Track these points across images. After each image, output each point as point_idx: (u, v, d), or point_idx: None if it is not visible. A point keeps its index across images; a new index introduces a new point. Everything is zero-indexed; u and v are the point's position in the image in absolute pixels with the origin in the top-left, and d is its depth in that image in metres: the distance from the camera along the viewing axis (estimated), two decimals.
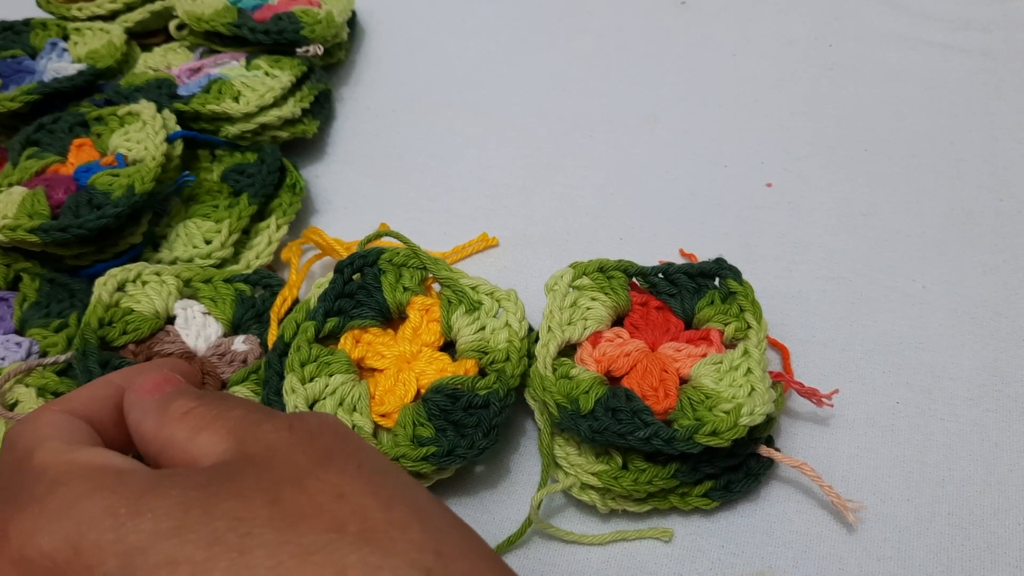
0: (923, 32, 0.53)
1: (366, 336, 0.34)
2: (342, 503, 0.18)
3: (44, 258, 0.39)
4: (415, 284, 0.35)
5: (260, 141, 0.45)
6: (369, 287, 0.35)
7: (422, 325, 0.34)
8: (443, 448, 0.30)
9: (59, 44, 0.49)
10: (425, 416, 0.31)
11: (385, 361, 0.33)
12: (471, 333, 0.33)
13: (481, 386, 0.32)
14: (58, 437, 0.21)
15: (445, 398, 0.31)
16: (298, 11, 0.48)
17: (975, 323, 0.38)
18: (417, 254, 0.35)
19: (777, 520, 0.32)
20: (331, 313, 0.34)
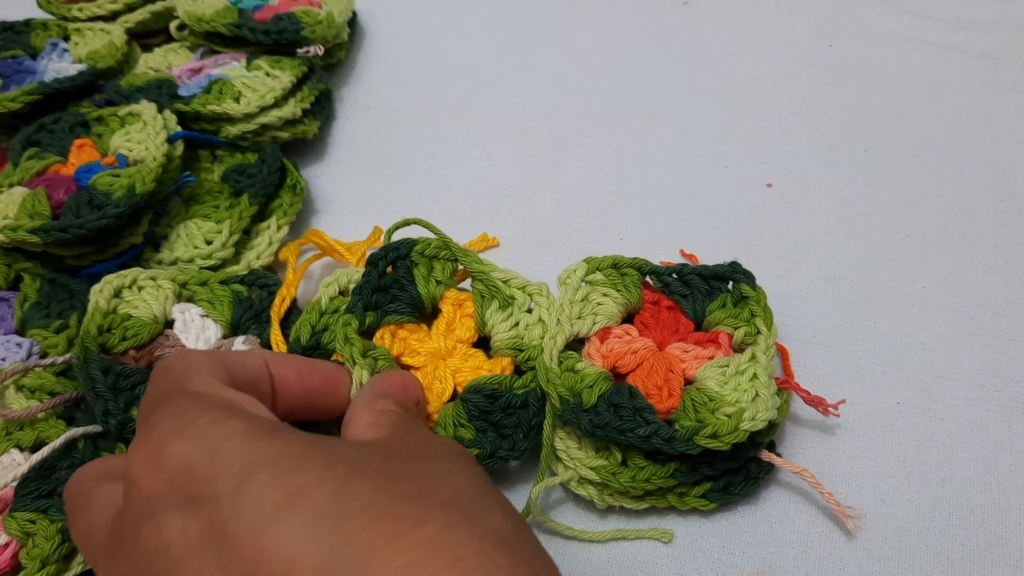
0: (923, 32, 0.53)
1: (401, 332, 0.33)
2: (441, 478, 0.21)
3: (45, 258, 0.39)
4: (447, 277, 0.34)
5: (261, 141, 0.45)
6: (402, 281, 0.34)
7: (456, 320, 0.34)
8: (486, 450, 0.31)
9: (60, 44, 0.49)
10: (465, 417, 0.31)
11: (420, 358, 0.33)
12: (506, 330, 0.33)
13: (519, 386, 0.32)
14: (212, 375, 0.24)
15: (484, 399, 0.31)
16: (299, 11, 0.48)
17: (975, 323, 0.38)
18: (448, 245, 0.35)
19: (777, 520, 0.32)
20: (369, 307, 0.33)
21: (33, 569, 0.30)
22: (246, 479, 0.19)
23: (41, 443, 0.33)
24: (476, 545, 0.18)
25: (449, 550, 0.18)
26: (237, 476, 0.19)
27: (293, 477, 0.19)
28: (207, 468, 0.19)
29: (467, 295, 0.34)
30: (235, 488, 0.19)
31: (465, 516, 0.19)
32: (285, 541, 0.18)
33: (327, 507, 0.18)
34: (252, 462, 0.19)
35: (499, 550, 0.19)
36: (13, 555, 0.30)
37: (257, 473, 0.19)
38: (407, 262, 0.35)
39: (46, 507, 0.31)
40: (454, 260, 0.35)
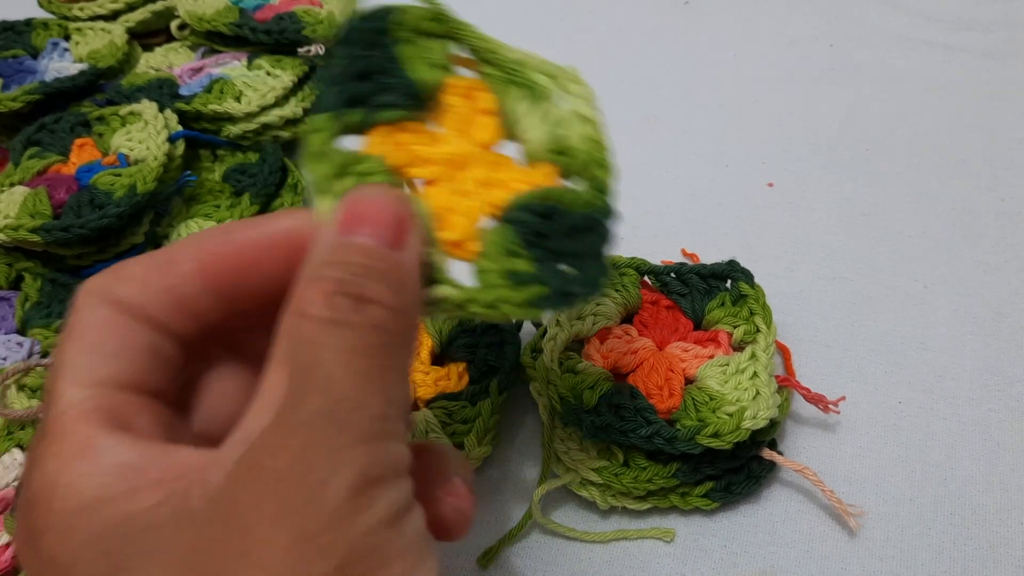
0: (924, 32, 0.53)
1: (398, 135, 0.23)
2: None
3: (46, 258, 0.39)
4: (443, 59, 0.24)
5: (262, 141, 0.45)
6: (386, 65, 0.23)
7: (470, 117, 0.24)
8: (554, 286, 0.21)
9: (60, 44, 0.49)
10: (519, 243, 0.22)
11: (433, 168, 0.23)
12: (546, 127, 0.24)
13: (581, 201, 0.23)
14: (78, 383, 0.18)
15: (538, 218, 0.22)
16: (300, 11, 0.48)
17: (977, 323, 0.38)
18: (443, 15, 0.25)
19: (779, 520, 0.32)
20: (351, 102, 0.22)
21: None
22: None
23: None
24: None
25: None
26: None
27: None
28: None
29: (477, 83, 0.25)
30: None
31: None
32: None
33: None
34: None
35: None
36: (14, 555, 0.30)
37: None
38: (386, 40, 0.24)
39: None
40: (449, 37, 0.25)
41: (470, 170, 0.23)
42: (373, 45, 0.24)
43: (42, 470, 0.18)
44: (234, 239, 0.20)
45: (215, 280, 0.20)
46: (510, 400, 0.36)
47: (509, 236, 0.22)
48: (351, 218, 0.19)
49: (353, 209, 0.19)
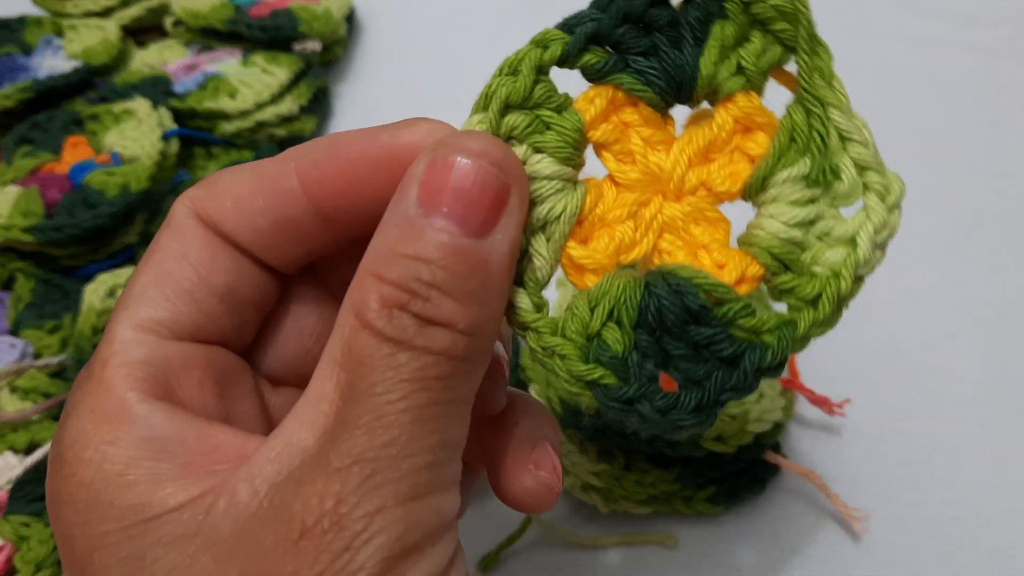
0: (929, 29, 0.52)
1: (628, 112, 0.19)
2: None
3: (39, 258, 0.39)
4: (757, 68, 0.19)
5: (257, 139, 0.44)
6: (681, 31, 0.19)
7: (725, 147, 0.19)
8: (626, 390, 0.17)
9: (53, 41, 0.48)
10: (631, 317, 0.18)
11: (632, 171, 0.19)
12: (790, 219, 0.18)
13: (748, 327, 0.18)
14: (133, 379, 0.17)
15: (678, 308, 0.18)
16: (296, 7, 0.48)
17: (982, 324, 0.38)
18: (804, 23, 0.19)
19: (784, 525, 0.32)
20: (601, 38, 0.19)
21: (27, 573, 0.29)
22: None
23: (35, 445, 0.33)
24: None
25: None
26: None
27: None
28: None
29: (767, 118, 0.19)
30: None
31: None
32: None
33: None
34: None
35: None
36: (7, 559, 0.30)
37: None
38: (712, 4, 0.19)
39: (41, 510, 0.30)
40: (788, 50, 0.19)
41: (671, 202, 0.19)
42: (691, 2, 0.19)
43: (77, 421, 0.17)
44: (342, 153, 0.18)
45: (319, 200, 0.17)
46: None
47: (631, 300, 0.18)
48: (434, 187, 0.16)
49: (439, 173, 0.16)
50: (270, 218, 0.18)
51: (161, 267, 0.18)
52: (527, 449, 0.19)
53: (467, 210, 0.16)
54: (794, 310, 0.18)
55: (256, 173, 0.18)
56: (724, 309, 0.17)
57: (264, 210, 0.18)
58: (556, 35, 0.19)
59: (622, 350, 0.18)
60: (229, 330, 0.19)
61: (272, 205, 0.18)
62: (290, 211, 0.18)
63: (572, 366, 0.17)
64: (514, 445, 0.19)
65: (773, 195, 0.19)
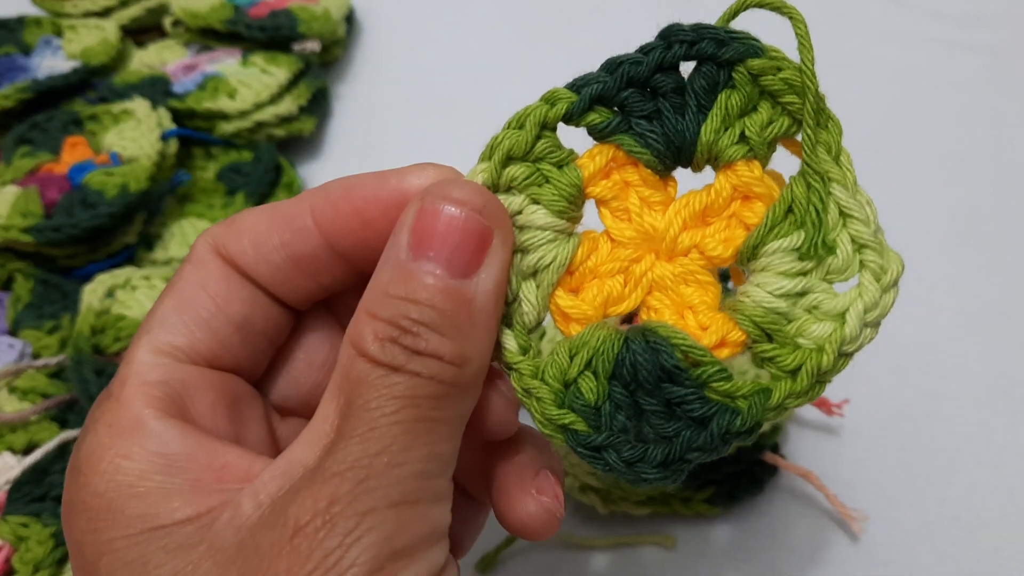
0: (928, 29, 0.52)
1: (628, 171, 0.20)
2: None
3: (37, 259, 0.39)
4: (761, 138, 0.20)
5: (256, 139, 0.44)
6: (686, 98, 0.20)
7: (722, 213, 0.20)
8: (595, 438, 0.18)
9: (53, 41, 0.48)
10: (607, 369, 0.19)
11: (627, 228, 0.20)
12: (775, 289, 0.19)
13: (722, 391, 0.18)
14: (151, 397, 0.18)
15: (652, 367, 0.18)
16: (295, 7, 0.47)
17: (981, 324, 0.38)
18: (811, 94, 0.19)
19: (782, 524, 0.32)
20: (606, 99, 0.20)
21: (26, 574, 0.29)
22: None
23: (33, 446, 0.33)
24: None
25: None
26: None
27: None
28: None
29: (766, 188, 0.20)
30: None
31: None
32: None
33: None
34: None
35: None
36: (5, 560, 0.30)
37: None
38: (719, 74, 0.20)
39: (39, 511, 0.30)
40: (796, 122, 0.20)
41: (663, 261, 0.20)
42: (699, 68, 0.20)
43: (95, 435, 0.18)
44: (355, 195, 0.19)
45: (332, 238, 0.19)
46: None
47: (609, 352, 0.19)
48: (423, 232, 0.17)
49: (426, 220, 0.17)
50: (285, 254, 0.19)
51: (181, 296, 0.19)
52: (530, 475, 0.20)
53: (452, 253, 0.17)
54: (774, 379, 0.18)
55: (273, 212, 0.19)
56: (699, 371, 0.18)
57: (280, 246, 0.19)
58: (564, 94, 0.20)
59: (595, 399, 0.18)
60: (243, 359, 0.20)
61: (287, 242, 0.19)
62: (304, 248, 0.19)
63: (546, 409, 0.18)
64: (517, 471, 0.20)
65: (763, 264, 0.19)
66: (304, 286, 0.20)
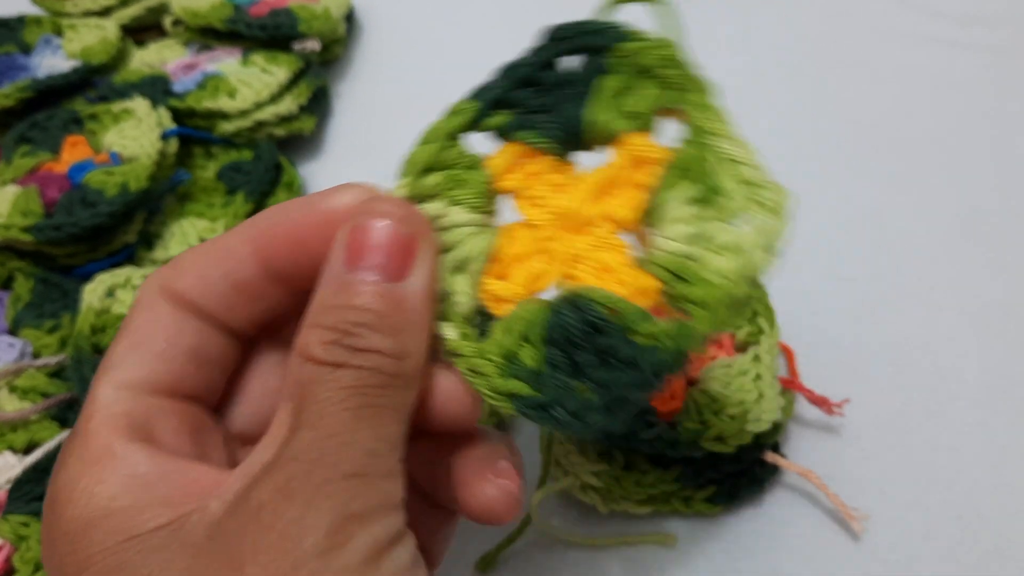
0: (930, 28, 0.52)
1: (532, 164, 0.22)
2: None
3: (37, 258, 0.39)
4: (647, 110, 0.22)
5: (256, 138, 0.44)
6: (570, 87, 0.22)
7: (621, 182, 0.22)
8: (539, 399, 0.20)
9: (53, 40, 0.48)
10: (541, 336, 0.20)
11: (541, 212, 0.22)
12: (679, 236, 0.20)
13: (645, 332, 0.20)
14: (115, 421, 0.19)
15: (580, 324, 0.20)
16: (295, 6, 0.47)
17: (983, 324, 0.38)
18: (680, 63, 0.22)
19: (783, 524, 0.32)
20: (501, 104, 0.22)
21: (26, 573, 0.29)
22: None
23: (34, 445, 0.33)
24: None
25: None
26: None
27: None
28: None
29: (659, 153, 0.22)
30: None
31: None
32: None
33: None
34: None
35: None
36: (6, 559, 0.30)
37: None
38: (598, 61, 0.22)
39: (39, 510, 0.30)
40: (678, 90, 0.22)
41: (578, 236, 0.22)
42: (583, 56, 0.22)
43: (66, 470, 0.19)
44: (287, 220, 0.20)
45: (270, 262, 0.20)
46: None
47: (541, 322, 0.20)
48: (355, 248, 0.19)
49: (357, 236, 0.19)
50: (228, 284, 0.20)
51: (134, 336, 0.20)
52: (489, 465, 0.21)
53: (384, 261, 0.19)
54: (692, 314, 0.20)
55: (214, 246, 0.21)
56: (621, 319, 0.20)
57: (222, 277, 0.20)
58: (466, 104, 0.22)
59: (536, 365, 0.20)
60: (199, 387, 0.21)
61: (229, 271, 0.20)
62: (245, 275, 0.20)
63: (492, 382, 0.20)
64: (477, 463, 0.21)
65: (665, 217, 0.21)
66: (249, 312, 0.21)
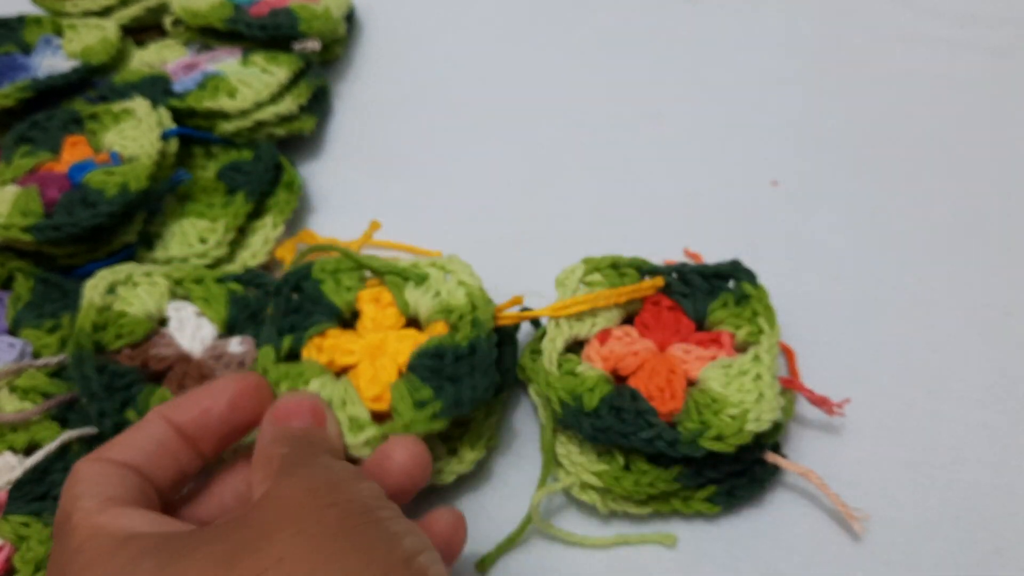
0: (930, 29, 0.52)
1: (327, 341, 0.33)
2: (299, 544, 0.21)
3: (37, 258, 0.39)
4: (356, 282, 0.34)
5: (256, 138, 0.44)
6: (313, 297, 0.34)
7: (379, 314, 0.33)
8: (448, 399, 0.29)
9: (53, 40, 0.48)
10: (418, 381, 0.30)
11: (355, 356, 0.32)
12: (430, 300, 0.33)
13: (461, 337, 0.31)
14: (91, 495, 0.23)
15: (431, 359, 0.30)
16: (295, 6, 0.47)
17: (983, 324, 0.38)
18: (350, 255, 0.34)
19: (783, 525, 0.32)
20: (284, 332, 0.33)
21: (27, 573, 0.29)
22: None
23: (34, 445, 0.33)
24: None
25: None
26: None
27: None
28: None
29: (383, 288, 0.34)
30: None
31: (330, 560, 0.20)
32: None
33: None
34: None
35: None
36: (6, 559, 0.30)
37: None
38: (311, 282, 0.34)
39: (40, 510, 0.30)
40: (358, 268, 0.34)
41: (386, 348, 0.32)
42: (302, 288, 0.34)
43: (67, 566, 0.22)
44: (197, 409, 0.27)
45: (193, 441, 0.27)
46: (509, 402, 0.35)
47: (412, 379, 0.30)
48: (283, 414, 0.27)
49: (284, 407, 0.27)
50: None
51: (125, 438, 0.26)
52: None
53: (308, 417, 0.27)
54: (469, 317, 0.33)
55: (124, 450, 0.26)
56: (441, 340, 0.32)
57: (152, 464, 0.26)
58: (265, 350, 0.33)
59: (431, 393, 0.30)
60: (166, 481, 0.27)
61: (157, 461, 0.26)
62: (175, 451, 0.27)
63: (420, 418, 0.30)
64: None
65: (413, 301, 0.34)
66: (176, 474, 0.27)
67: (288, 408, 0.27)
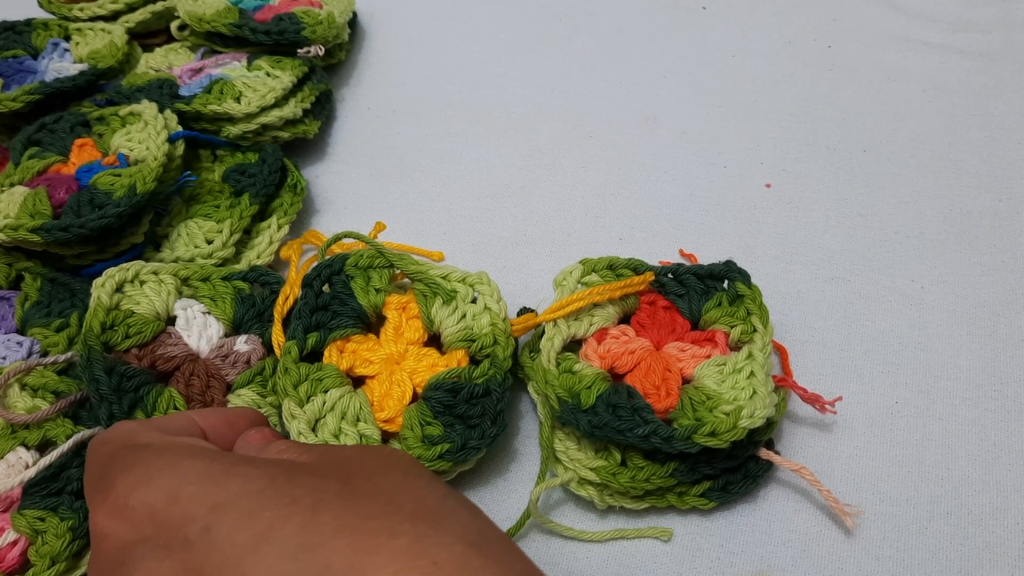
0: (922, 33, 0.53)
1: (349, 345, 0.33)
2: (402, 491, 0.21)
3: (45, 258, 0.39)
4: (386, 283, 0.34)
5: (261, 141, 0.45)
6: (341, 296, 0.34)
7: (403, 324, 0.34)
8: (456, 443, 0.30)
9: (61, 44, 0.49)
10: (431, 415, 0.31)
11: (374, 367, 0.33)
12: (454, 324, 0.33)
13: (478, 375, 0.32)
14: (151, 430, 0.24)
15: (446, 394, 0.31)
16: (299, 12, 0.48)
17: (974, 323, 0.38)
18: (382, 252, 0.34)
19: (776, 520, 0.32)
20: (310, 329, 0.33)
21: (43, 567, 0.29)
22: (213, 522, 0.19)
23: (47, 441, 0.33)
24: (451, 550, 0.19)
25: (425, 558, 0.18)
26: (204, 520, 0.20)
27: (260, 516, 0.19)
28: (173, 514, 0.20)
29: (410, 297, 0.34)
30: (204, 532, 0.19)
31: (434, 524, 0.20)
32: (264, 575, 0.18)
33: (300, 539, 0.19)
34: (216, 504, 0.20)
35: (472, 551, 0.19)
36: (22, 552, 0.30)
37: (223, 515, 0.20)
38: (342, 277, 0.34)
39: (55, 504, 0.31)
40: (390, 266, 0.35)
41: (404, 363, 0.33)
42: (332, 282, 0.34)
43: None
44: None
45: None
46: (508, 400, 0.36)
47: (424, 410, 0.31)
48: (245, 440, 0.27)
49: (245, 438, 0.27)
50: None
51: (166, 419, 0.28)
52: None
53: (265, 440, 0.27)
54: (488, 358, 0.33)
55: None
56: (465, 375, 0.33)
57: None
58: (289, 345, 0.33)
59: (442, 431, 0.31)
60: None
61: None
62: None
63: (427, 457, 0.31)
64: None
65: (438, 320, 0.34)
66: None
67: (248, 437, 0.29)
